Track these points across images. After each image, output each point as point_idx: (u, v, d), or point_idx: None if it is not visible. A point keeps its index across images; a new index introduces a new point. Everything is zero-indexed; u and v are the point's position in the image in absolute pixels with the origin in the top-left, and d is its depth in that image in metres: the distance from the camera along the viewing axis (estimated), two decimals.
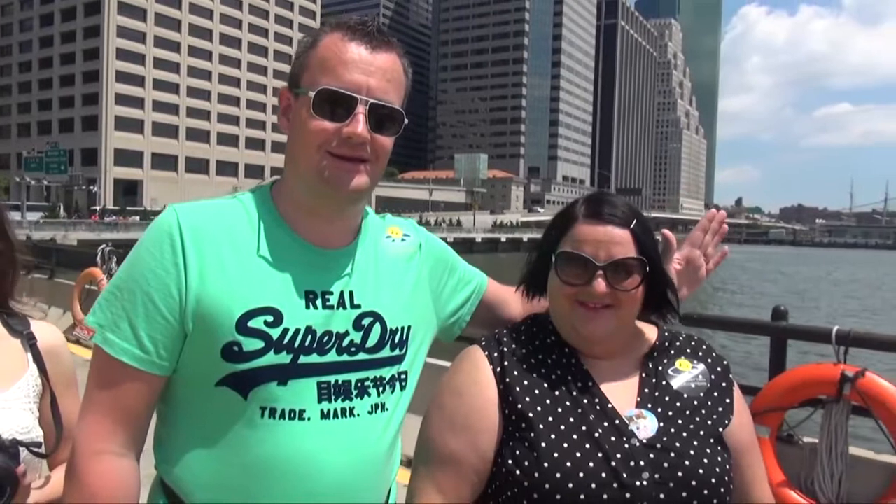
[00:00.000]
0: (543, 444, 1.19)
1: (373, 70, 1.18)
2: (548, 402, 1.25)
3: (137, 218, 63.29)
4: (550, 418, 1.22)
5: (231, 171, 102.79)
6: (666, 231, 1.50)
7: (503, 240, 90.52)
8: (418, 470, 1.27)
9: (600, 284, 1.24)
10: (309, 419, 1.16)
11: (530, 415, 1.23)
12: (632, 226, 1.28)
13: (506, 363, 1.28)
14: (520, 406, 1.24)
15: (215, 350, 1.14)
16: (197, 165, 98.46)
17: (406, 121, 1.23)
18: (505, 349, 1.31)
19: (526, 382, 1.27)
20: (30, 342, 1.45)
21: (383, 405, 1.25)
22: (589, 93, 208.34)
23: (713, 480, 1.19)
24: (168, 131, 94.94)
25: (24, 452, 1.33)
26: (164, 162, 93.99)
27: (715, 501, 1.19)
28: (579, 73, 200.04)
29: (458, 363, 1.34)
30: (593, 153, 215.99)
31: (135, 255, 1.19)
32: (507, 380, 1.26)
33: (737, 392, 1.34)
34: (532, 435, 1.21)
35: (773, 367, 2.87)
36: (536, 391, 1.26)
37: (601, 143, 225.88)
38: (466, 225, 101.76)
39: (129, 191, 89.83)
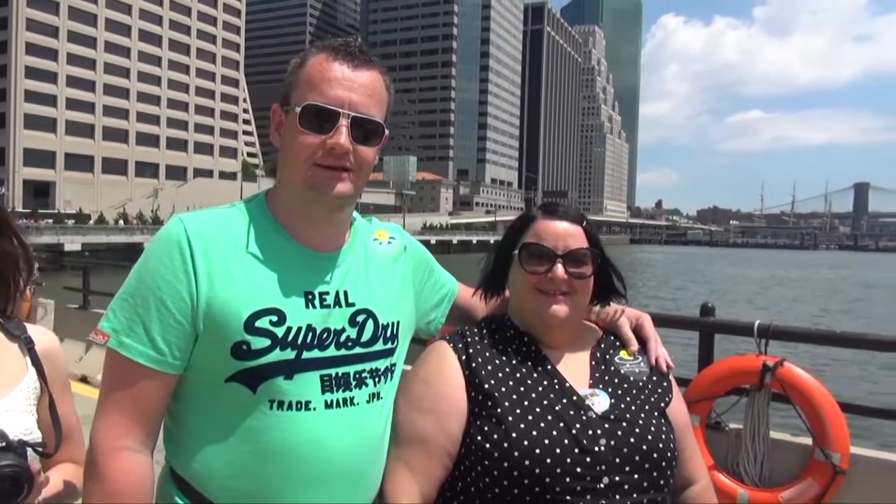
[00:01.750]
0: (510, 418, 1.33)
1: (355, 87, 1.28)
2: (511, 382, 1.39)
3: (51, 221, 60.22)
4: (514, 396, 1.37)
5: (151, 173, 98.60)
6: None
7: (433, 241, 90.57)
8: (391, 453, 1.38)
9: (559, 271, 1.42)
10: (314, 409, 1.26)
11: (496, 394, 1.37)
12: (583, 224, 1.49)
13: (471, 351, 1.44)
14: (486, 387, 1.38)
15: (225, 349, 1.22)
16: (114, 166, 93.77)
17: (387, 133, 1.34)
18: (469, 340, 1.46)
19: (490, 367, 1.41)
20: (28, 346, 1.48)
21: (378, 394, 1.35)
22: (516, 97, 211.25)
23: (660, 446, 1.36)
24: (83, 130, 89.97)
25: (29, 453, 1.36)
26: (79, 162, 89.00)
27: (663, 464, 1.35)
28: (507, 78, 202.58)
29: (425, 356, 1.48)
30: (521, 156, 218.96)
31: (144, 264, 1.26)
32: (473, 365, 1.41)
33: (672, 379, 1.53)
34: (499, 411, 1.34)
35: (702, 359, 3.05)
36: (500, 374, 1.40)
37: (528, 147, 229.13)
38: None
39: (39, 192, 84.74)
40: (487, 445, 1.32)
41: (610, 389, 1.42)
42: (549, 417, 1.34)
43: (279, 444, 1.24)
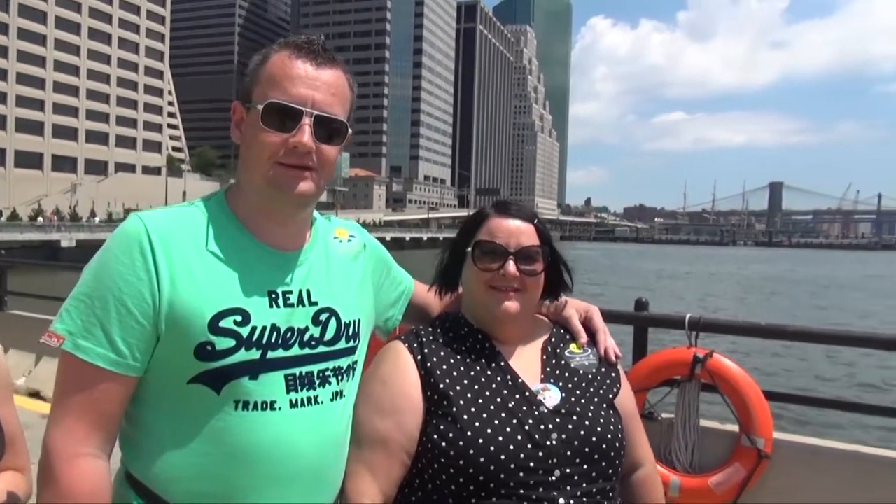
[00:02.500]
0: (465, 417, 1.37)
1: (318, 85, 1.27)
2: (465, 381, 1.43)
3: None
4: (469, 394, 1.41)
5: (69, 167, 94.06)
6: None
7: None
8: (351, 454, 1.39)
9: (511, 268, 1.46)
10: (280, 409, 1.25)
11: (451, 393, 1.40)
12: (535, 221, 1.53)
13: (425, 351, 1.46)
14: (441, 386, 1.41)
15: (189, 350, 1.19)
16: (28, 160, 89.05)
17: (350, 132, 1.33)
18: (423, 340, 1.49)
19: (445, 366, 1.44)
20: None
21: (342, 392, 1.36)
22: (449, 94, 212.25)
23: (609, 437, 1.42)
24: None
25: None
26: None
27: (612, 454, 1.41)
28: (440, 75, 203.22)
29: (381, 356, 1.49)
30: (454, 153, 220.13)
31: (102, 264, 1.22)
32: (428, 365, 1.44)
33: (620, 369, 1.60)
34: (454, 410, 1.38)
35: (636, 352, 3.15)
36: (455, 373, 1.44)
37: (461, 144, 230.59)
38: None
39: None
40: (444, 444, 1.36)
41: (561, 384, 1.47)
42: (503, 414, 1.38)
43: (245, 445, 1.22)
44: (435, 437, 1.38)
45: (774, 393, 2.98)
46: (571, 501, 1.34)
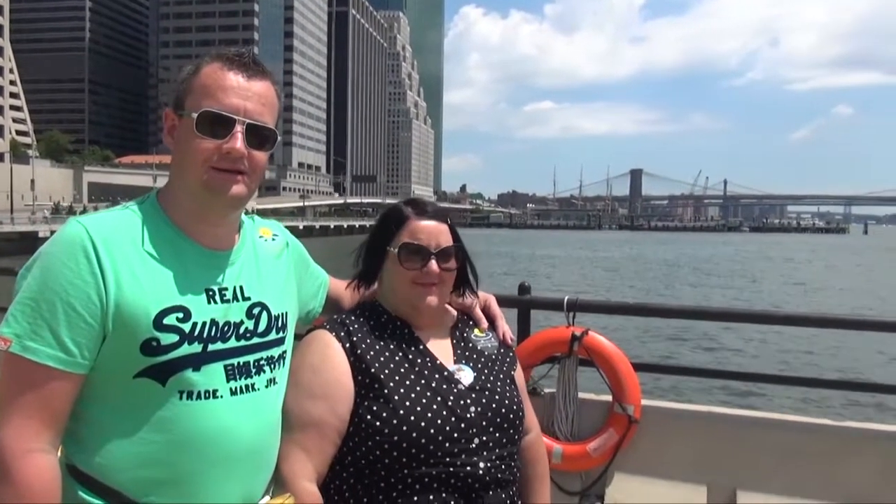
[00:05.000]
0: (396, 397, 1.55)
1: (249, 95, 1.38)
2: (392, 365, 1.61)
3: None
4: (397, 377, 1.58)
5: None
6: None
7: None
8: (285, 437, 1.51)
9: (434, 266, 1.65)
10: (221, 397, 1.35)
11: (382, 376, 1.57)
12: (448, 221, 1.72)
13: (354, 339, 1.62)
14: (372, 371, 1.58)
15: (135, 346, 1.28)
16: None
17: (280, 138, 1.44)
18: (350, 328, 1.64)
19: (373, 352, 1.61)
20: None
21: (274, 379, 1.47)
22: (323, 79, 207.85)
23: (515, 408, 1.67)
24: None
25: None
26: None
27: (517, 422, 1.67)
28: (312, 59, 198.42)
29: (309, 345, 1.63)
30: (328, 140, 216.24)
31: (46, 268, 1.27)
32: (358, 352, 1.60)
33: (514, 350, 1.86)
34: (386, 391, 1.55)
35: (521, 333, 3.36)
36: (382, 357, 1.61)
37: (336, 131, 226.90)
38: None
39: None
40: (378, 423, 1.53)
41: (471, 364, 1.68)
42: (428, 393, 1.57)
43: (191, 432, 1.31)
44: (368, 417, 1.54)
45: (642, 364, 3.29)
46: (489, 464, 1.56)
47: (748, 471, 2.89)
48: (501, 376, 1.71)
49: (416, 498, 1.51)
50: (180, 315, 1.31)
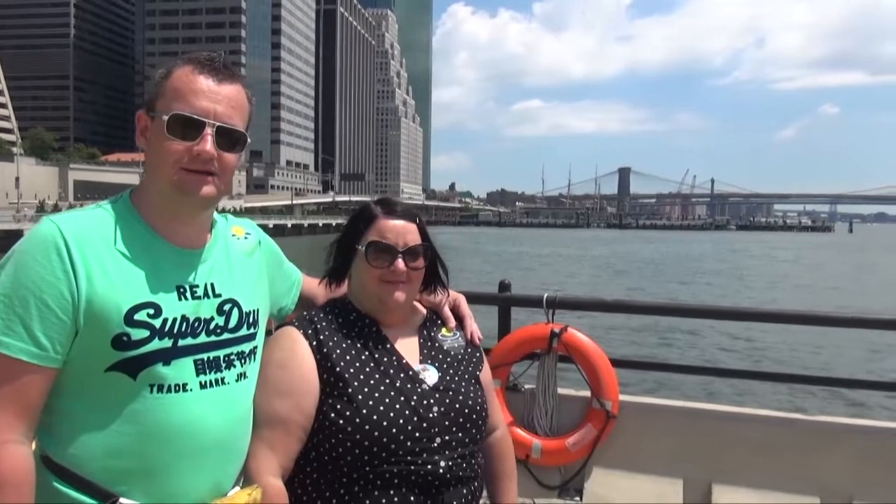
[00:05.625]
0: (360, 396, 1.58)
1: (219, 98, 1.41)
2: (357, 363, 1.64)
3: None
4: (362, 376, 1.62)
5: None
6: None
7: None
8: (252, 433, 1.55)
9: (400, 264, 1.68)
10: (191, 390, 1.39)
11: (346, 375, 1.60)
12: (417, 221, 1.74)
13: (321, 337, 1.65)
14: (337, 369, 1.61)
15: (106, 341, 1.32)
16: None
17: (249, 140, 1.49)
18: (318, 326, 1.67)
19: (339, 350, 1.64)
20: None
21: (245, 374, 1.52)
22: (311, 77, 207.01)
23: (478, 408, 1.70)
24: None
25: None
26: None
27: (480, 422, 1.70)
28: (300, 57, 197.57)
29: (277, 342, 1.66)
30: (317, 138, 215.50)
31: (19, 266, 1.31)
32: (324, 350, 1.63)
33: (482, 350, 1.88)
34: (350, 390, 1.59)
35: (501, 330, 3.41)
36: (348, 356, 1.64)
37: (324, 129, 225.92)
38: None
39: None
40: (341, 421, 1.56)
41: (437, 364, 1.71)
42: (392, 393, 1.60)
43: (161, 425, 1.35)
44: (332, 415, 1.57)
45: (620, 360, 3.35)
46: (450, 463, 1.59)
47: (723, 465, 2.95)
48: (466, 376, 1.74)
49: (377, 493, 1.54)
50: (151, 311, 1.35)
